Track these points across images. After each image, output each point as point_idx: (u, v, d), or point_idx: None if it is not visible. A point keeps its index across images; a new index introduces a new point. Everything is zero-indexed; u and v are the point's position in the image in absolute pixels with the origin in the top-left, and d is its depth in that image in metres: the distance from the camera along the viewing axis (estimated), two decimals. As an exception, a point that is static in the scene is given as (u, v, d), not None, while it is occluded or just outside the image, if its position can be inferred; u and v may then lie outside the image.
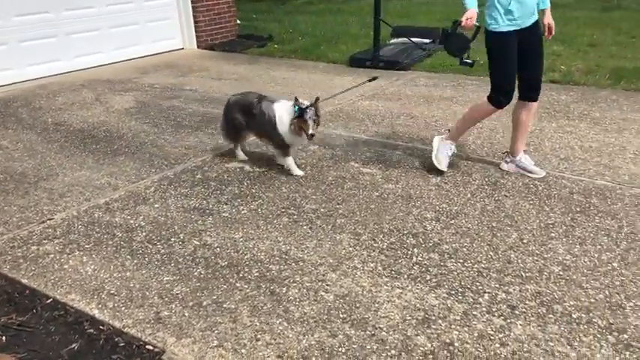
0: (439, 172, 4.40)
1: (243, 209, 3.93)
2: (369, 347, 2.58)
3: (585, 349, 2.55)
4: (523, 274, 3.12)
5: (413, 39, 8.57)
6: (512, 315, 2.79)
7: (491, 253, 3.34)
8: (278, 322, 2.77)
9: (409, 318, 2.78)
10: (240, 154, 4.82)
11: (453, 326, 2.71)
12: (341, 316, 2.80)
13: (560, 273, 3.12)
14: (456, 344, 2.59)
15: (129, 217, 3.87)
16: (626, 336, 2.63)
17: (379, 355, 2.53)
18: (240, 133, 4.66)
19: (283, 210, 3.90)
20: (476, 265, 3.21)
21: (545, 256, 3.29)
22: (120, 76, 7.98)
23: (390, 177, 4.38)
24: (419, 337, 2.64)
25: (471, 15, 3.77)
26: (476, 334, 2.65)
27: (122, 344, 2.66)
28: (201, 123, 5.85)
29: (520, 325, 2.72)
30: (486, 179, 4.30)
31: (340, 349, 2.58)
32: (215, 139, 5.33)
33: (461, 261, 3.25)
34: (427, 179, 4.33)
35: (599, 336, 2.63)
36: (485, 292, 2.97)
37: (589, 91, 6.46)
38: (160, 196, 4.17)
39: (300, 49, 9.32)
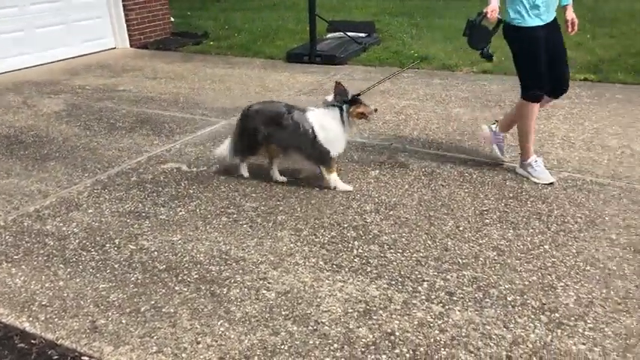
0: (379, 165, 4.45)
1: (180, 211, 3.85)
2: (311, 342, 2.58)
3: (520, 330, 2.63)
4: (460, 260, 3.20)
5: (349, 33, 8.63)
6: (450, 301, 2.85)
7: (429, 241, 3.40)
8: (219, 323, 2.73)
9: (351, 311, 2.79)
10: (245, 171, 4.32)
11: (393, 316, 2.75)
12: (283, 313, 2.79)
13: (496, 258, 3.21)
14: (397, 333, 2.63)
15: (61, 225, 3.72)
16: (557, 315, 2.73)
17: (322, 350, 2.53)
18: (259, 147, 4.13)
19: (222, 209, 3.84)
20: (415, 255, 3.26)
21: (481, 242, 3.38)
22: (49, 78, 7.66)
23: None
24: (361, 329, 2.66)
25: (495, 7, 3.67)
26: (416, 323, 2.70)
27: (56, 357, 2.56)
28: (136, 124, 5.69)
29: (458, 310, 2.78)
30: (423, 170, 4.38)
31: (283, 347, 2.56)
32: (150, 139, 5.20)
33: (400, 251, 3.30)
34: (366, 172, 4.37)
35: (532, 316, 2.73)
36: (424, 281, 3.02)
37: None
38: (94, 201, 4.03)
39: (237, 46, 9.22)
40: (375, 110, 3.98)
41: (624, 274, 3.04)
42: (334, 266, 3.17)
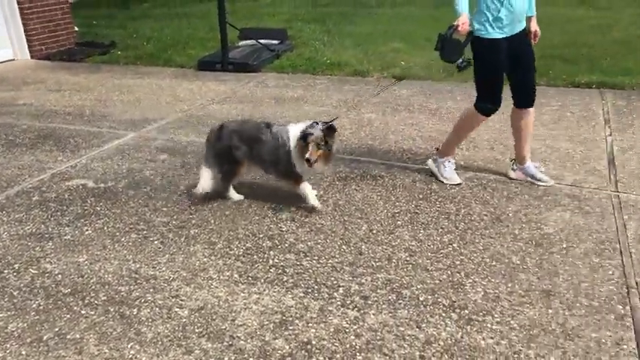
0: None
1: (87, 230, 3.67)
2: (226, 359, 2.53)
3: (432, 329, 2.70)
4: (374, 263, 3.24)
5: (261, 41, 8.60)
6: (365, 305, 2.88)
7: (344, 246, 3.43)
8: (129, 346, 2.62)
9: (267, 323, 2.76)
10: (234, 194, 4.02)
11: (310, 325, 2.74)
12: (197, 330, 2.71)
13: (407, 259, 3.29)
14: (314, 342, 2.62)
15: (-48, 252, 3.44)
16: (467, 311, 2.83)
17: (237, 365, 2.49)
18: (241, 167, 3.87)
19: (132, 226, 3.70)
20: (330, 261, 3.28)
21: (393, 243, 3.44)
22: (-62, 94, 7.11)
23: (241, 182, 4.34)
24: (277, 341, 2.63)
25: (465, 20, 3.67)
26: (332, 330, 2.70)
27: (-53, 398, 2.36)
28: (38, 139, 5.39)
29: (373, 314, 2.81)
30: (337, 175, 4.42)
31: (197, 365, 2.49)
32: (54, 155, 4.93)
33: (316, 258, 3.30)
34: (280, 180, 4.36)
35: (443, 315, 2.81)
36: (339, 286, 3.04)
37: (426, 84, 6.91)
38: (-10, 225, 3.77)
39: (146, 55, 8.96)
40: (308, 161, 3.53)
41: (527, 267, 3.19)
42: (249, 278, 3.12)
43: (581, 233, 3.50)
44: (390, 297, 2.94)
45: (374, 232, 3.58)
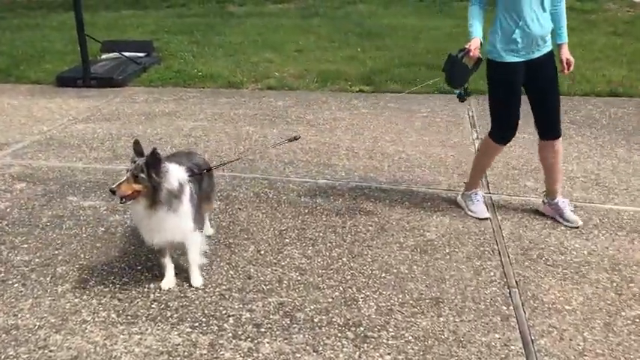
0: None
1: None
2: (108, 415, 2.26)
3: (329, 352, 2.62)
4: (264, 287, 3.10)
5: (125, 53, 8.12)
6: (258, 334, 2.73)
7: (231, 272, 3.25)
8: (-12, 415, 2.25)
9: (152, 366, 2.52)
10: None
11: (200, 363, 2.54)
12: (71, 385, 2.41)
13: (299, 278, 3.18)
14: (206, 382, 2.43)
15: None
16: (362, 328, 2.78)
17: (122, 421, 2.23)
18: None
19: (-15, 269, 3.25)
20: (217, 289, 3.09)
21: (283, 263, 3.33)
22: None
23: (116, 208, 4.00)
24: (165, 386, 2.40)
25: (477, 44, 3.38)
26: (225, 365, 2.53)
27: None
28: None
29: (267, 342, 2.67)
30: (219, 194, 4.22)
31: None
32: None
33: (201, 287, 3.10)
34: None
35: (339, 335, 2.73)
36: (229, 316, 2.86)
37: (301, 94, 6.90)
38: None
39: (-5, 71, 8.10)
40: (112, 192, 2.81)
41: (415, 275, 3.22)
42: (129, 317, 2.84)
43: (461, 237, 3.62)
44: (283, 322, 2.82)
45: (262, 252, 3.44)
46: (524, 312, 2.90)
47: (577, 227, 3.66)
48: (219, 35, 9.91)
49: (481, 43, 3.43)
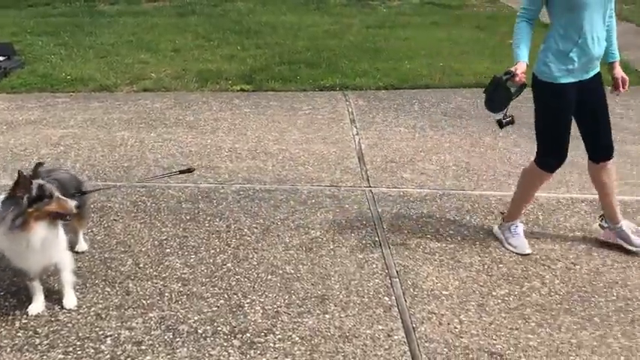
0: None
1: None
2: None
3: (215, 363, 2.55)
4: (144, 302, 2.96)
5: (-18, 57, 7.43)
6: (139, 352, 2.60)
7: (108, 288, 3.07)
8: None
9: (19, 401, 2.31)
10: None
11: (75, 391, 2.37)
12: None
13: (181, 289, 3.07)
14: (82, 411, 2.27)
15: None
16: (248, 334, 2.74)
17: None
18: None
19: None
20: (93, 308, 2.90)
21: (164, 275, 3.20)
22: None
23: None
24: (35, 422, 2.22)
25: (523, 69, 3.11)
26: (103, 390, 2.38)
27: None
28: None
29: (149, 360, 2.55)
30: (92, 206, 3.97)
31: None
32: None
33: (75, 308, 2.89)
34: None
35: (225, 344, 2.67)
36: (107, 337, 2.70)
37: (180, 95, 6.69)
38: None
39: None
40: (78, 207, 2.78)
41: (301, 275, 3.23)
42: (-9, 350, 2.60)
43: (344, 232, 3.68)
44: (166, 336, 2.71)
45: (141, 265, 3.28)
46: (405, 301, 3.00)
47: None
48: (89, 36, 9.35)
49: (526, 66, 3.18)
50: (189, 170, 3.49)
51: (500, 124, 3.25)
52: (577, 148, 3.45)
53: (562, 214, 3.90)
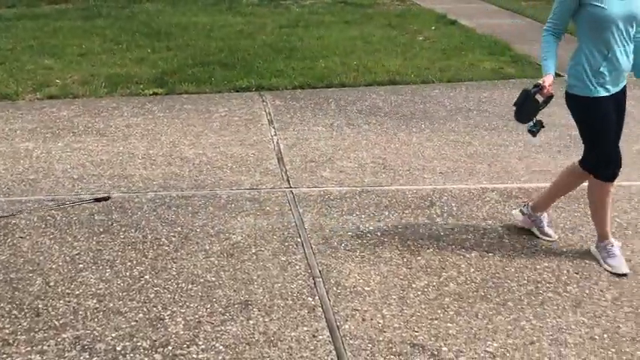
0: None
1: None
2: None
3: (136, 380, 2.45)
4: (56, 322, 2.81)
5: None
6: (53, 377, 2.46)
7: (15, 312, 2.88)
8: None
9: None
10: None
11: None
12: None
13: (97, 306, 2.94)
14: None
15: None
16: (170, 347, 2.66)
17: None
18: None
19: None
20: (-1, 334, 2.72)
21: (77, 292, 3.04)
22: None
23: None
24: None
25: (551, 81, 3.16)
26: (13, 422, 2.23)
27: None
28: None
29: (64, 385, 2.42)
30: (-6, 224, 3.72)
31: None
32: None
33: (-21, 336, 2.70)
34: None
35: (146, 359, 2.58)
36: (16, 364, 2.54)
37: (89, 102, 6.40)
38: None
39: None
40: None
41: (223, 282, 3.17)
42: None
43: (266, 235, 3.65)
44: (82, 357, 2.58)
45: (52, 284, 3.11)
46: (329, 300, 3.02)
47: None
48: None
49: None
50: (105, 199, 3.34)
51: (533, 134, 3.32)
52: (483, 139, 3.58)
53: (474, 204, 4.05)
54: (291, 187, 4.31)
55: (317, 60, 7.70)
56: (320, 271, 3.27)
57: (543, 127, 3.30)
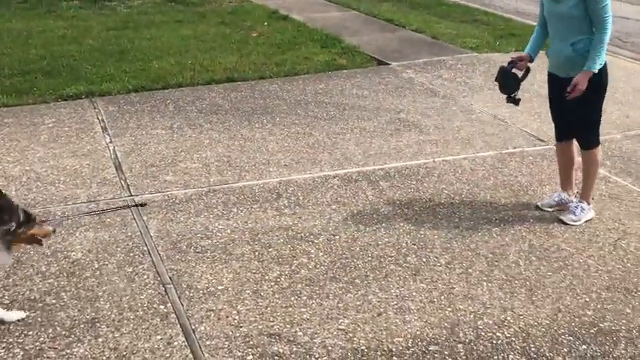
0: None
1: None
2: None
3: None
4: None
5: None
6: None
7: None
8: None
9: None
10: None
11: None
12: None
13: None
14: None
15: None
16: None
17: None
18: None
19: None
20: None
21: None
22: None
23: None
24: None
25: (523, 56, 3.78)
26: None
27: None
28: None
29: None
30: None
31: None
32: None
33: None
34: None
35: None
36: None
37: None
38: None
39: None
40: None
41: (65, 303, 2.97)
42: None
43: (109, 248, 3.47)
44: None
45: None
46: (182, 305, 2.96)
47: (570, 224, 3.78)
48: None
49: (531, 58, 3.81)
50: None
51: (514, 101, 3.85)
52: (322, 129, 3.71)
53: (319, 192, 4.20)
54: (132, 195, 4.14)
55: (150, 61, 7.43)
56: (170, 277, 3.19)
57: (520, 99, 3.86)
